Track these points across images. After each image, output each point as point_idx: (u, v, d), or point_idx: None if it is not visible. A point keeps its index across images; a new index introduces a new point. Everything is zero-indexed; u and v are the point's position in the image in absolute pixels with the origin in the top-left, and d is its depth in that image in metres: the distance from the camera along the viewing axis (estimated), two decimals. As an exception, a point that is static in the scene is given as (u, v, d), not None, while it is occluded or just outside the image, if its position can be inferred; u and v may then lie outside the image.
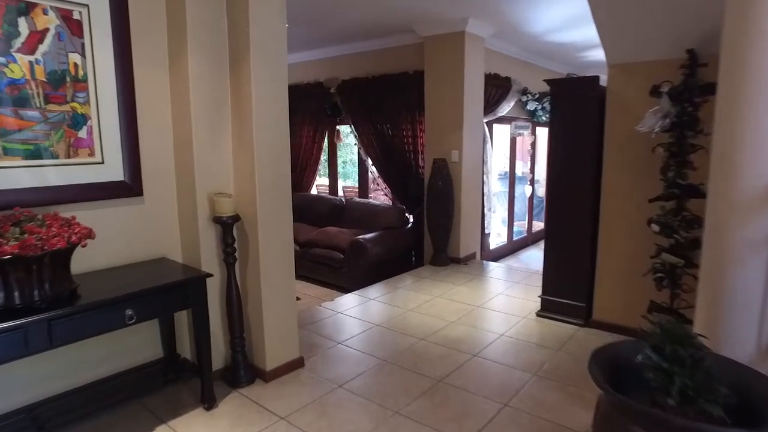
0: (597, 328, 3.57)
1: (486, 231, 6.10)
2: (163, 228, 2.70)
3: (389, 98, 5.71)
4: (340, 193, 7.49)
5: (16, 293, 1.85)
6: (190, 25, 2.48)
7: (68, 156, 2.29)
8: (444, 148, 5.29)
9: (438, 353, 3.20)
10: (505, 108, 6.03)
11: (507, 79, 5.96)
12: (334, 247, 5.37)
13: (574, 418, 2.45)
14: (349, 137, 7.27)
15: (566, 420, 2.43)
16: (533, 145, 7.41)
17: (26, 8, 2.09)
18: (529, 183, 7.50)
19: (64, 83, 2.24)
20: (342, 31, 5.44)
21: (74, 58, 2.26)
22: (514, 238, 7.20)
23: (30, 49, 2.12)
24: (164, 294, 2.29)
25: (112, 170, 2.45)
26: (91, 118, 2.35)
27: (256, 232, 2.70)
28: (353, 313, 3.99)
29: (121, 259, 2.52)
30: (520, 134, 6.80)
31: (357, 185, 7.19)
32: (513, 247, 7.10)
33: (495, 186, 6.46)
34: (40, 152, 2.20)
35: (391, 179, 6.06)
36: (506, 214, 7.04)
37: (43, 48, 2.16)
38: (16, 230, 1.83)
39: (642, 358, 1.51)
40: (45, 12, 2.15)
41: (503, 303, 4.22)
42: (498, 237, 6.91)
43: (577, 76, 5.90)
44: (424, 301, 4.23)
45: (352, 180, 8.81)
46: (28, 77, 2.12)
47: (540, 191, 7.74)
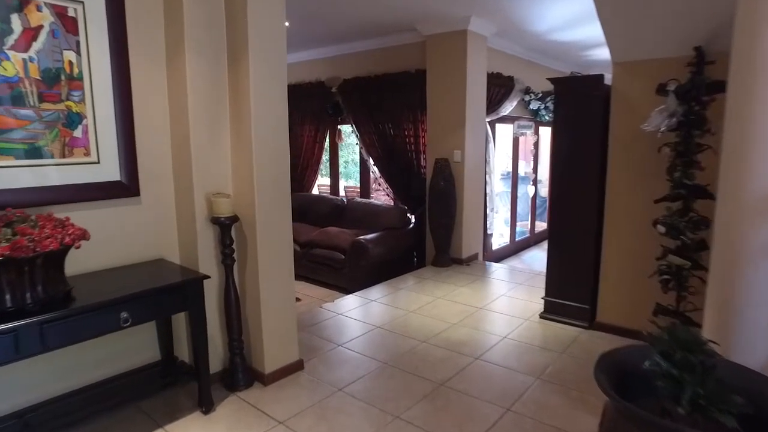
0: (601, 330, 3.52)
1: (488, 231, 6.06)
2: (161, 229, 2.66)
3: (391, 97, 5.67)
4: (342, 193, 7.45)
5: (7, 296, 1.80)
6: (187, 22, 2.44)
7: (63, 156, 2.25)
8: (446, 147, 5.24)
9: (440, 356, 3.16)
10: (508, 107, 5.98)
11: (510, 78, 5.91)
12: (335, 248, 5.33)
13: (578, 424, 2.40)
14: (350, 137, 7.23)
15: (570, 426, 2.38)
16: (536, 144, 7.36)
17: (19, 4, 2.05)
18: (531, 183, 7.45)
19: (58, 81, 2.20)
20: (343, 30, 5.39)
21: (69, 55, 2.22)
22: (517, 239, 7.15)
23: (23, 47, 2.08)
24: (160, 296, 2.25)
25: (108, 170, 2.41)
26: (86, 117, 2.31)
27: (254, 233, 2.65)
28: (354, 315, 3.95)
29: (118, 261, 2.48)
30: (522, 134, 6.75)
31: (359, 185, 7.15)
32: (516, 248, 7.06)
33: (497, 186, 6.41)
34: (34, 152, 2.16)
35: (392, 179, 6.01)
36: (509, 214, 6.99)
37: (37, 45, 2.12)
38: (8, 231, 1.79)
39: (650, 364, 1.46)
40: (39, 8, 2.11)
41: (506, 305, 4.17)
42: (500, 237, 6.86)
43: (581, 74, 5.83)
44: (425, 303, 4.18)
45: (354, 180, 8.77)
46: (21, 75, 2.08)
47: (543, 191, 7.69)
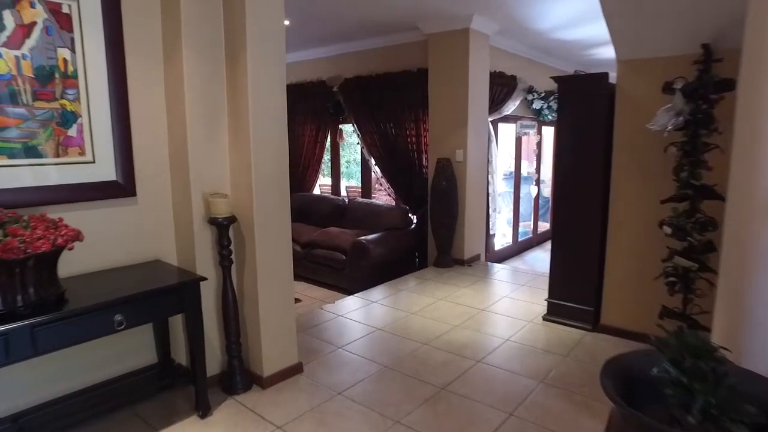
0: (606, 333, 3.46)
1: (491, 232, 6.00)
2: (157, 229, 2.62)
3: (392, 97, 5.62)
4: (343, 193, 7.41)
5: (-2, 298, 1.76)
6: (184, 18, 2.39)
7: (57, 155, 2.21)
8: (448, 147, 5.19)
9: (441, 359, 3.11)
10: (511, 107, 5.93)
11: (512, 78, 5.86)
12: (335, 248, 5.28)
13: (582, 430, 2.34)
14: (352, 136, 7.18)
15: (574, 431, 2.33)
16: (539, 144, 7.31)
17: (12, 0, 2.01)
18: (534, 183, 7.39)
19: (52, 79, 2.16)
20: (345, 29, 5.35)
21: (63, 53, 2.18)
22: (520, 239, 7.09)
23: (16, 44, 2.04)
24: (155, 298, 2.20)
25: (104, 170, 2.36)
26: (81, 116, 2.27)
27: (252, 234, 2.61)
28: (354, 317, 3.90)
29: (114, 262, 2.44)
30: (525, 133, 6.70)
31: (360, 185, 7.11)
32: (518, 249, 7.00)
33: (500, 186, 6.36)
34: (27, 151, 2.12)
35: (394, 179, 5.96)
36: (511, 214, 6.94)
37: (30, 42, 2.07)
38: (-1, 232, 1.75)
39: (659, 371, 1.40)
40: (32, 5, 2.06)
41: (508, 306, 4.12)
42: (503, 238, 6.81)
43: (585, 73, 5.78)
44: (427, 304, 4.13)
45: (355, 180, 8.73)
46: (14, 73, 2.04)
47: (546, 191, 7.64)
